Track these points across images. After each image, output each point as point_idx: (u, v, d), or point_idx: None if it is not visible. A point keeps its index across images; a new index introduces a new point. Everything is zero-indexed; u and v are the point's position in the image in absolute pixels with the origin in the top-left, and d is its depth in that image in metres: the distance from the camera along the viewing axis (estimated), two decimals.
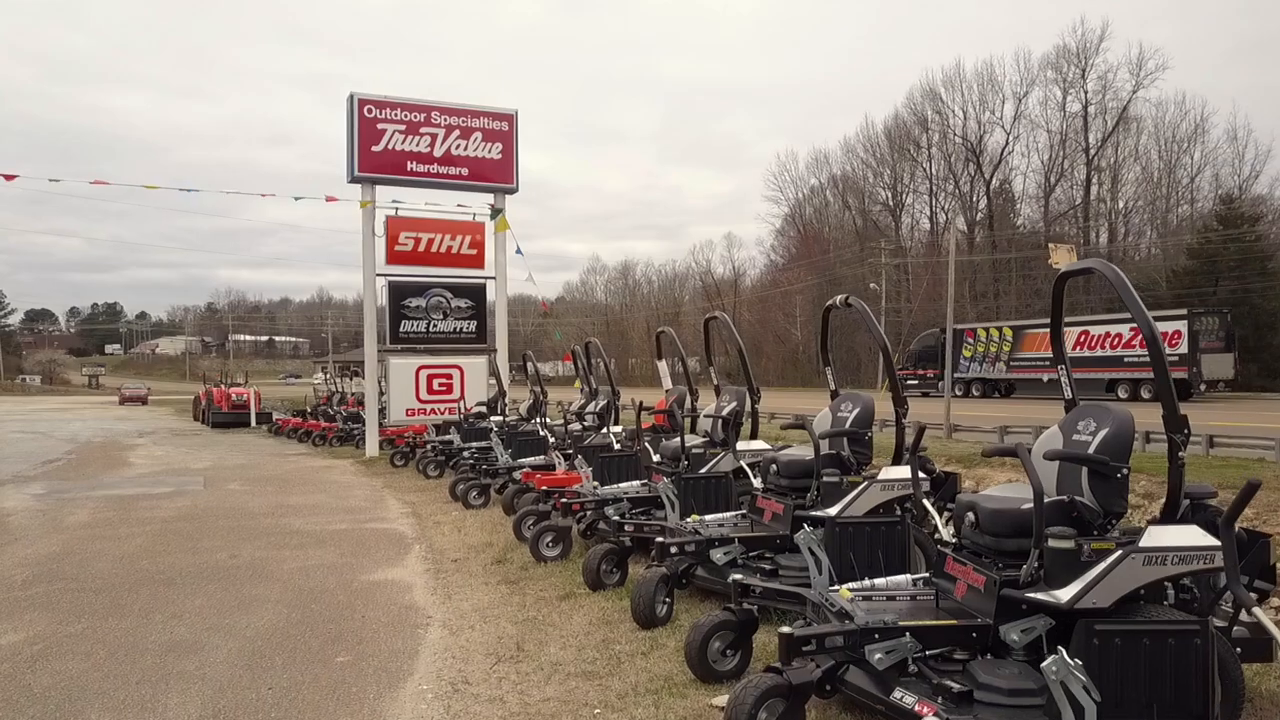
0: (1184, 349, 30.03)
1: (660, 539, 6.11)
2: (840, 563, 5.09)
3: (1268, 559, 4.54)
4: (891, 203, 65.75)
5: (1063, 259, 26.89)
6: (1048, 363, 27.59)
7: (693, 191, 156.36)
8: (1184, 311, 31.31)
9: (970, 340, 36.83)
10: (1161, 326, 28.28)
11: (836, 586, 4.66)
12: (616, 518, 7.16)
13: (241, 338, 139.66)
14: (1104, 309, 39.11)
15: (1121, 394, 31.04)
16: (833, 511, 6.05)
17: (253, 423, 33.60)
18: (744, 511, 6.91)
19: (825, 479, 6.12)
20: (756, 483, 6.91)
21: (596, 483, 8.57)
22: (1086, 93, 53.31)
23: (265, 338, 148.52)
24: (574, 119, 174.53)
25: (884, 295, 53.98)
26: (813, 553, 4.68)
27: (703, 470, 7.97)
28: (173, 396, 61.80)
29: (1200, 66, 77.21)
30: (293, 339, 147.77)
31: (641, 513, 8.13)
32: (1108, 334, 32.25)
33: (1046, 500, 4.10)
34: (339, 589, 7.79)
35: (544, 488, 9.58)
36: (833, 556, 5.02)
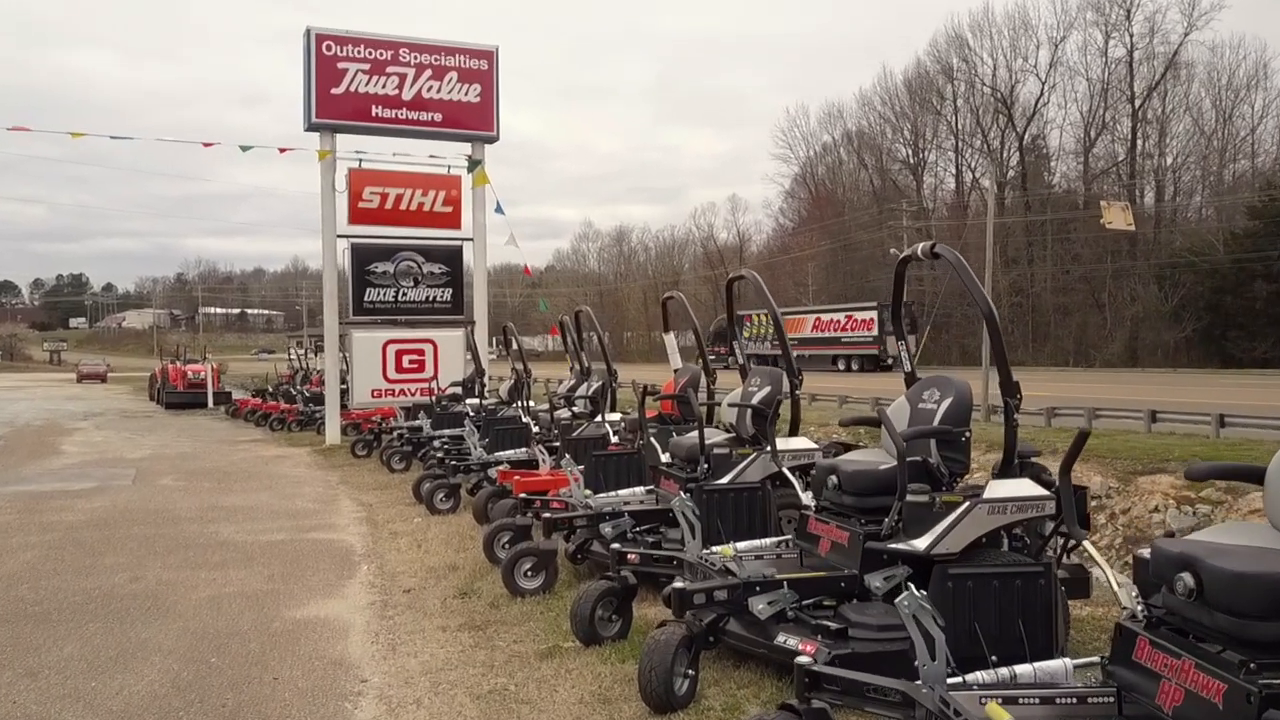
0: (875, 332, 45.18)
1: (679, 584, 4.60)
2: (955, 633, 3.57)
3: None
4: (912, 160, 64.27)
5: (1117, 219, 25.24)
6: (796, 342, 40.33)
7: (691, 151, 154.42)
8: (875, 304, 45.48)
9: (749, 324, 48.36)
10: (860, 315, 46.59)
11: (961, 679, 3.14)
12: (617, 545, 5.65)
13: (212, 310, 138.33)
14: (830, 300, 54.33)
15: (840, 366, 45.68)
16: (921, 545, 4.54)
17: (210, 403, 32.26)
18: (790, 538, 5.40)
19: (911, 498, 4.59)
20: (805, 498, 5.40)
21: (589, 490, 7.06)
22: (1131, 36, 51.35)
23: (237, 310, 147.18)
24: (562, 75, 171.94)
25: None
26: (920, 626, 3.17)
27: (727, 477, 6.46)
28: (135, 374, 60.75)
29: (1260, 4, 74.50)
30: (266, 312, 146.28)
31: (648, 531, 6.64)
32: (833, 320, 47.87)
33: None
34: (253, 632, 6.35)
35: (522, 494, 8.08)
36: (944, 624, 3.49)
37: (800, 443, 6.59)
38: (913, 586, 3.35)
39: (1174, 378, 33.40)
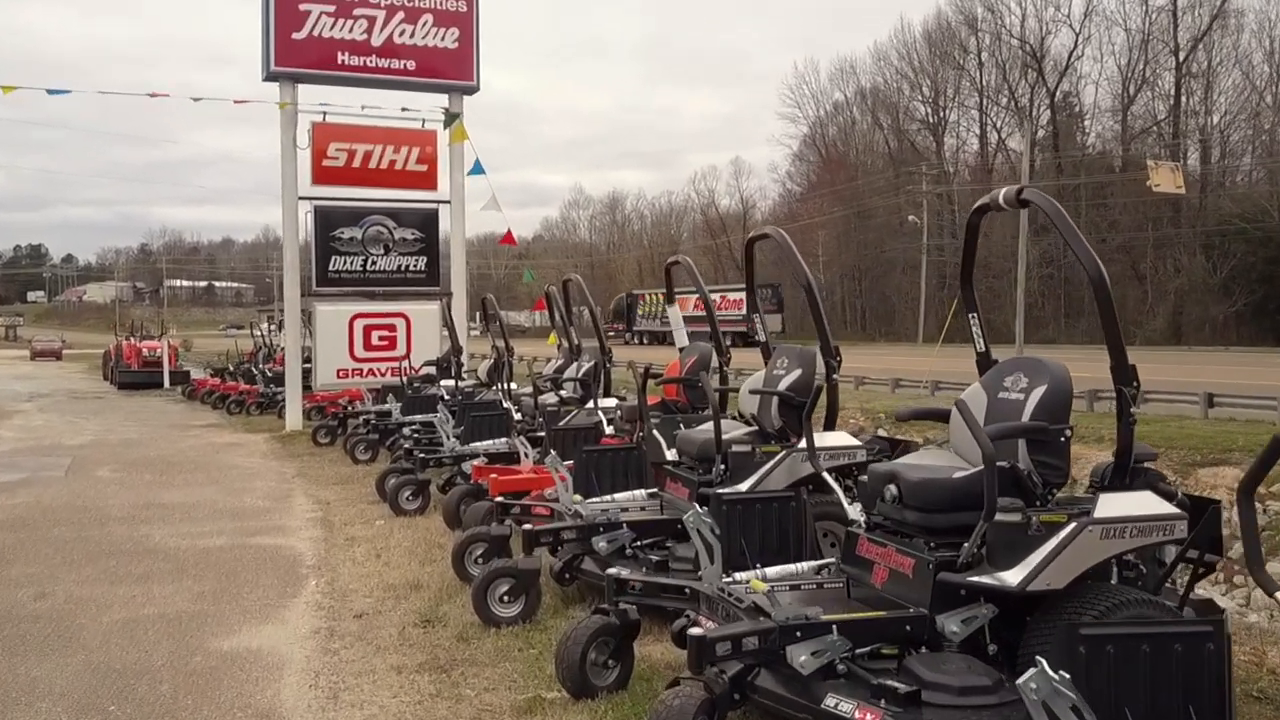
0: (744, 311, 54.49)
1: (697, 630, 3.77)
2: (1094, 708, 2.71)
3: None
4: (932, 120, 63.34)
5: (1166, 180, 24.28)
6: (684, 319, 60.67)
7: (688, 112, 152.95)
8: (743, 285, 55.27)
9: (643, 302, 57.95)
10: (732, 295, 50.00)
11: None
12: (614, 570, 4.80)
13: (178, 283, 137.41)
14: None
15: (737, 341, 53.02)
16: (1013, 578, 3.72)
17: (166, 383, 31.52)
18: (833, 563, 4.56)
19: (1001, 516, 3.75)
20: (852, 511, 4.56)
21: (579, 495, 6.21)
22: None
23: (204, 283, 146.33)
24: (547, 32, 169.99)
25: (925, 229, 51.48)
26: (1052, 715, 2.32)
27: (749, 481, 5.61)
28: (93, 351, 60.30)
29: None
30: (235, 285, 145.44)
31: (651, 546, 5.80)
32: (715, 300, 57.93)
33: None
34: (168, 668, 5.56)
35: (499, 495, 7.25)
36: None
37: (839, 438, 5.75)
38: (1044, 662, 2.51)
39: (1225, 357, 32.66)
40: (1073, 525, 3.76)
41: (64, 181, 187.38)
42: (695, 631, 3.75)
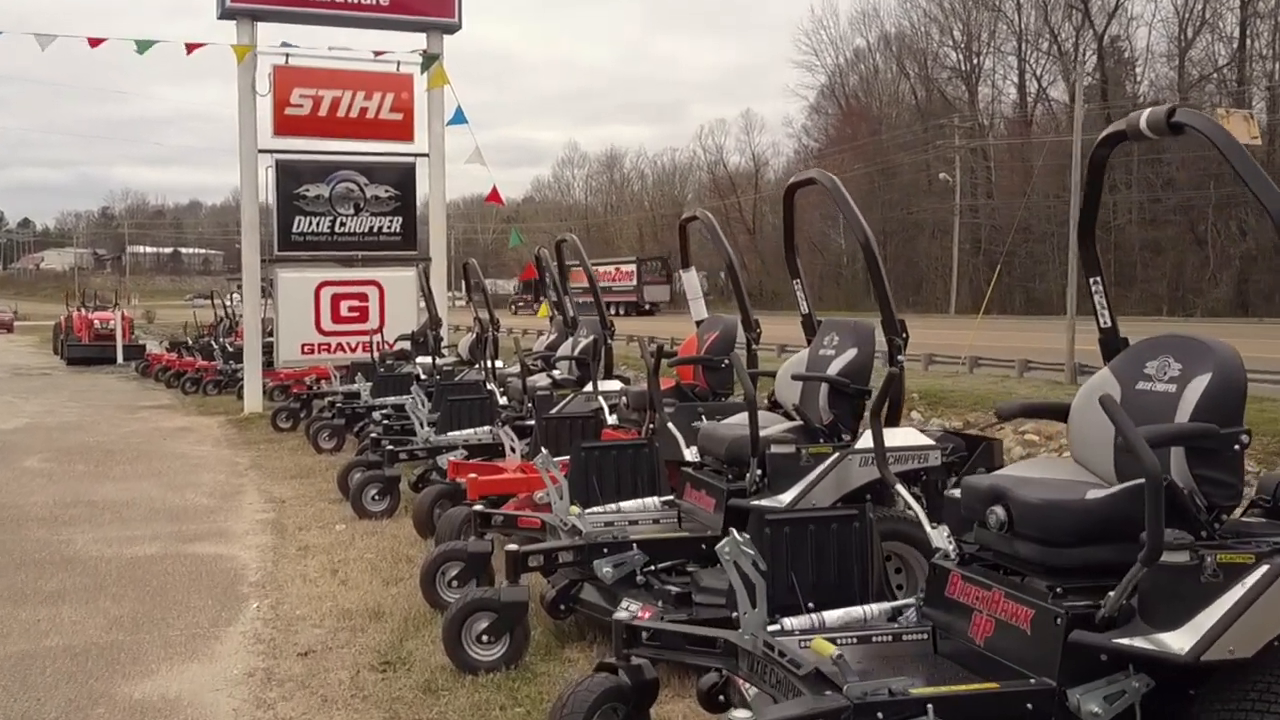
0: (635, 282, 62.81)
1: (741, 713, 2.96)
2: None
3: None
4: (965, 68, 62.08)
5: (1239, 130, 23.46)
6: (580, 291, 73.33)
7: (691, 63, 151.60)
8: (634, 258, 65.15)
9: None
10: (624, 268, 64.43)
11: None
12: (624, 613, 3.99)
13: (141, 249, 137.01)
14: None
15: (611, 311, 64.56)
16: (1181, 645, 2.91)
17: (119, 358, 31.02)
18: (915, 604, 3.74)
19: (1166, 556, 2.93)
20: (937, 536, 3.73)
21: (577, 506, 5.39)
22: None
23: (170, 249, 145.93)
24: None
25: (958, 188, 50.52)
26: None
27: (793, 491, 4.79)
28: (48, 322, 60.10)
29: None
30: (202, 251, 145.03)
31: (669, 570, 5.01)
32: (605, 271, 62.02)
33: None
34: None
35: (479, 500, 6.46)
36: None
37: (906, 435, 4.94)
38: None
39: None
40: (1265, 569, 2.93)
41: (18, 140, 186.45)
42: (739, 715, 2.94)
